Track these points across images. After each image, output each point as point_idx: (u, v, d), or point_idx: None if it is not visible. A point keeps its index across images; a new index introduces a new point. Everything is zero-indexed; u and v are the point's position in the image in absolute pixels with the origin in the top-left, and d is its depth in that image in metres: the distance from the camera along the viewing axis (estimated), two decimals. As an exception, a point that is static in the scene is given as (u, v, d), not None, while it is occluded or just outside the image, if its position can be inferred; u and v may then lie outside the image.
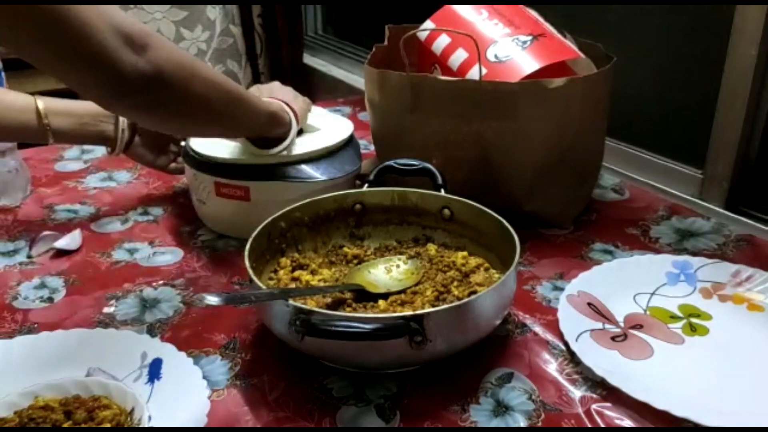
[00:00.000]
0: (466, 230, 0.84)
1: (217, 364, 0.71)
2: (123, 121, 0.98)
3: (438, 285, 0.75)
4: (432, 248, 0.84)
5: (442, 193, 0.85)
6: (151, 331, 0.76)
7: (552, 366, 0.71)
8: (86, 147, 1.30)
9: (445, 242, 0.85)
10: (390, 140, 1.03)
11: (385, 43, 1.08)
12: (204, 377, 0.67)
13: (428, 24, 1.04)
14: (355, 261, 0.82)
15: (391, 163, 0.89)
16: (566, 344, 0.72)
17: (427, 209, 0.86)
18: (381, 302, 0.72)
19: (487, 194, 0.96)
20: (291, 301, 0.65)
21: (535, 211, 0.97)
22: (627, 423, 0.63)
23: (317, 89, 2.10)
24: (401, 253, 0.84)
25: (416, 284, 0.77)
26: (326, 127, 1.00)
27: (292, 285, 0.76)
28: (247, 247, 0.72)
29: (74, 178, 1.17)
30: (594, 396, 0.66)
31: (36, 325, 0.77)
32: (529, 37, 0.96)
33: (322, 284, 0.77)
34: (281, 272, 0.78)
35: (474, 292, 0.72)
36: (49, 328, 0.75)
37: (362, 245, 0.86)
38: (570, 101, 0.91)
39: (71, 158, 1.25)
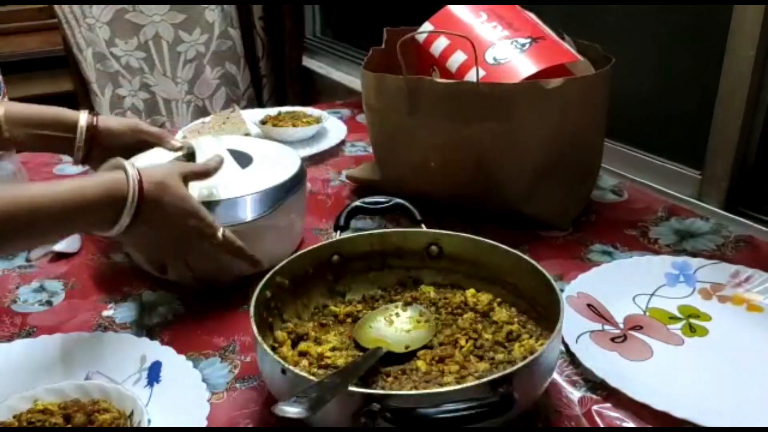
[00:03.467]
0: (460, 265, 0.78)
1: (217, 367, 0.71)
2: (80, 135, 0.91)
3: (468, 331, 0.71)
4: (429, 290, 0.78)
5: (424, 228, 0.81)
6: (151, 334, 0.76)
7: (552, 367, 0.70)
8: (85, 150, 1.30)
9: (436, 281, 0.79)
10: (388, 144, 1.03)
11: (383, 45, 1.08)
12: (203, 380, 0.67)
13: (426, 26, 1.04)
14: (349, 320, 0.75)
15: (358, 203, 0.85)
16: (566, 345, 0.72)
17: (411, 249, 0.79)
18: (420, 363, 0.66)
19: (485, 197, 0.97)
20: (352, 387, 0.56)
21: (534, 213, 0.97)
22: (627, 424, 0.63)
23: (316, 92, 2.10)
24: (391, 301, 0.78)
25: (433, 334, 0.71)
26: (268, 160, 0.92)
27: (304, 362, 0.67)
28: (259, 339, 0.62)
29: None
30: (594, 397, 0.66)
31: (35, 329, 0.77)
32: (528, 40, 0.96)
33: (336, 353, 0.68)
34: (283, 349, 0.69)
35: (510, 332, 0.70)
36: (48, 331, 0.75)
37: (345, 300, 0.78)
38: (568, 102, 0.91)
39: (70, 161, 1.25)
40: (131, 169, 0.71)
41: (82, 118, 0.92)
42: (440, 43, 1.02)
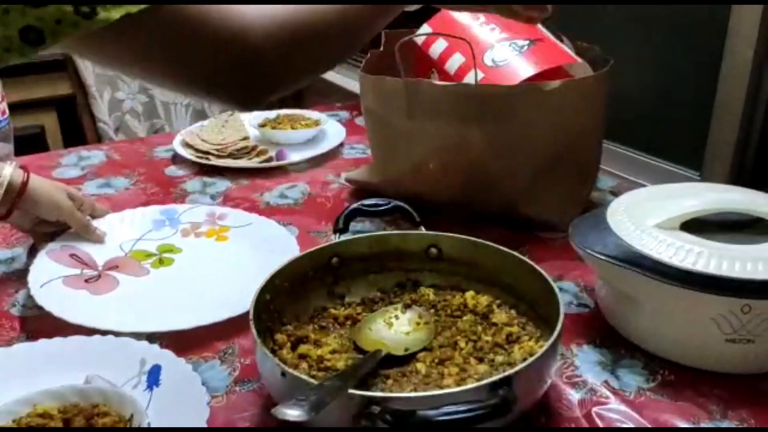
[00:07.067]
0: (459, 267, 0.78)
1: (217, 370, 0.71)
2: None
3: (468, 333, 0.71)
4: (428, 292, 0.78)
5: (423, 230, 0.81)
6: (150, 337, 0.76)
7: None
8: (83, 153, 1.30)
9: (436, 283, 0.79)
10: (387, 146, 1.03)
11: (381, 48, 1.08)
12: (203, 383, 0.67)
13: (425, 29, 1.04)
14: (349, 322, 0.75)
15: (357, 205, 0.85)
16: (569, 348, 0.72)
17: (410, 251, 0.79)
18: (420, 365, 0.66)
19: (484, 198, 0.97)
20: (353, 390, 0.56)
21: (533, 215, 0.96)
22: (627, 425, 0.63)
23: (314, 94, 2.10)
24: (391, 303, 0.77)
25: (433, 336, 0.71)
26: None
27: (304, 364, 0.67)
28: (258, 342, 0.62)
29: (72, 184, 1.16)
30: (594, 399, 0.66)
31: (34, 333, 0.77)
32: (526, 42, 0.96)
33: (336, 356, 0.68)
34: (283, 352, 0.68)
35: (510, 334, 0.70)
36: (48, 335, 0.75)
37: (344, 303, 0.78)
38: (566, 104, 0.91)
39: (69, 165, 1.25)
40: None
41: (7, 170, 0.85)
42: (439, 46, 1.02)
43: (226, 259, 0.91)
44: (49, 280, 0.83)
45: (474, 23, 1.01)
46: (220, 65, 0.57)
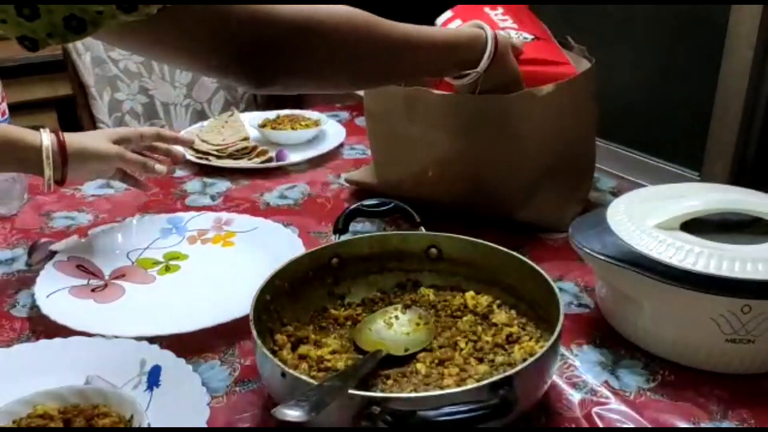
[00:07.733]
0: (459, 267, 0.78)
1: (217, 371, 0.71)
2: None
3: (468, 333, 0.71)
4: (428, 293, 0.78)
5: (423, 230, 0.81)
6: (150, 338, 0.76)
7: (552, 369, 0.70)
8: (84, 154, 1.30)
9: (436, 284, 0.79)
10: (387, 149, 1.03)
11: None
12: (203, 384, 0.67)
13: (448, 14, 1.03)
14: (349, 323, 0.75)
15: (357, 206, 0.85)
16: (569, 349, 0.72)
17: (410, 251, 0.79)
18: (420, 366, 0.66)
19: (483, 204, 0.97)
20: (353, 390, 0.56)
21: (532, 219, 0.96)
22: (627, 425, 0.63)
23: (314, 95, 2.10)
24: (391, 303, 0.77)
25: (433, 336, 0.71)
26: None
27: (304, 365, 0.67)
28: (258, 343, 0.62)
29: (72, 185, 1.16)
30: (594, 399, 0.66)
31: (34, 334, 0.77)
32: (531, 36, 0.97)
33: (336, 356, 0.68)
34: (283, 353, 0.68)
35: (510, 335, 0.70)
36: (48, 336, 0.75)
37: (344, 303, 0.78)
38: (560, 106, 0.92)
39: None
40: (488, 29, 0.85)
41: (45, 137, 0.84)
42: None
43: (231, 263, 0.91)
44: (56, 290, 0.82)
45: (491, 12, 1.01)
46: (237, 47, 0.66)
